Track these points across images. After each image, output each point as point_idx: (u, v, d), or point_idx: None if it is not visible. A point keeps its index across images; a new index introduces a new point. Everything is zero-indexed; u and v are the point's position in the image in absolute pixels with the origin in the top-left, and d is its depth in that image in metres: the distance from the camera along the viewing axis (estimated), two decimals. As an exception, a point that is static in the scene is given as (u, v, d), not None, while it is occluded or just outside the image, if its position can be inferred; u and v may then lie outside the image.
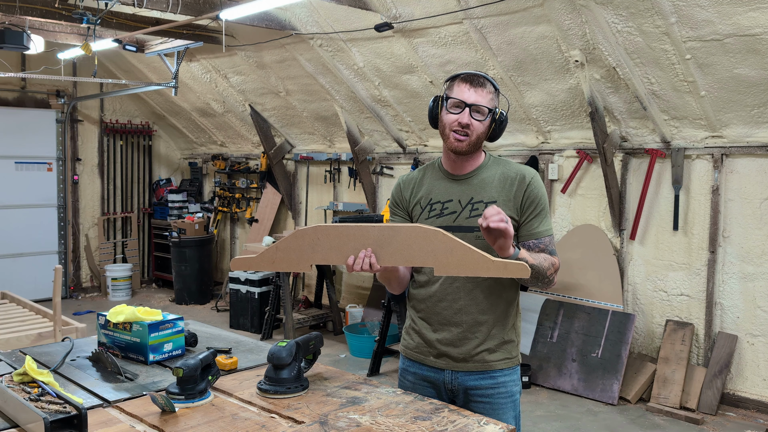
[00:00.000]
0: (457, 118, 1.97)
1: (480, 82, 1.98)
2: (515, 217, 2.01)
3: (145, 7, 4.41)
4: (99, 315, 2.23)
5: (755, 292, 4.36)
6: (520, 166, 2.08)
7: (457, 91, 1.98)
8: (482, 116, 1.97)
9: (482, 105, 1.96)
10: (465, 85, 1.98)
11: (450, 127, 1.99)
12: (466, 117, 1.96)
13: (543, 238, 2.01)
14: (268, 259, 1.91)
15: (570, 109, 4.83)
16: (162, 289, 8.62)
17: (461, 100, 1.97)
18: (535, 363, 4.94)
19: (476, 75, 1.99)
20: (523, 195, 2.01)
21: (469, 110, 1.96)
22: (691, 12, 3.63)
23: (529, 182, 2.02)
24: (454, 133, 1.99)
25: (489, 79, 2.01)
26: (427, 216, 2.06)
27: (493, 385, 2.05)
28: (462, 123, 1.96)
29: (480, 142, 2.02)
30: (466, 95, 1.96)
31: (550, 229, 2.04)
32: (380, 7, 4.64)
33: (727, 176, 4.45)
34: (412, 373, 2.14)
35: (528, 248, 2.00)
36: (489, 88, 1.99)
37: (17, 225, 7.58)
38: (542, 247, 2.01)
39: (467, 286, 2.01)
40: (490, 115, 1.99)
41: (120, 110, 8.47)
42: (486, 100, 1.98)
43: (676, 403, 4.39)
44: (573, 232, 5.15)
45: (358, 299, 6.70)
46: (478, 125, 1.97)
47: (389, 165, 6.39)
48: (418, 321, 2.12)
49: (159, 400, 1.71)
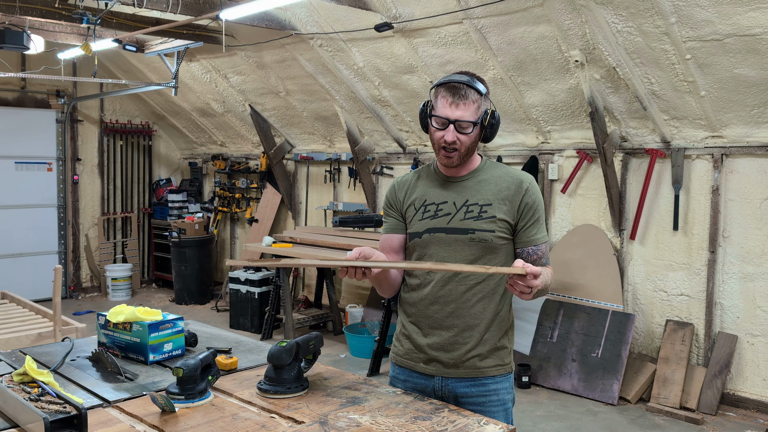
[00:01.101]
0: (442, 136, 1.94)
1: (462, 94, 1.91)
2: (510, 221, 1.99)
3: (145, 7, 4.41)
4: (99, 315, 2.23)
5: (755, 292, 4.36)
6: (517, 171, 2.07)
7: (440, 104, 1.94)
8: (468, 129, 1.94)
9: (466, 120, 1.92)
10: (447, 99, 1.92)
11: (438, 144, 1.97)
12: (450, 135, 1.93)
13: (540, 245, 2.01)
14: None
15: (570, 109, 4.83)
16: (162, 289, 8.62)
17: (444, 117, 1.92)
18: (535, 363, 4.94)
19: (457, 87, 1.92)
20: (521, 201, 1.99)
21: (454, 126, 1.93)
22: (691, 12, 3.63)
23: (526, 188, 2.00)
24: (443, 150, 1.97)
25: (473, 85, 1.93)
26: (421, 217, 2.04)
27: (484, 392, 2.01)
28: (447, 141, 1.93)
29: (471, 151, 2.00)
30: (448, 112, 1.92)
31: (545, 235, 2.05)
32: (380, 7, 4.64)
33: (727, 176, 4.45)
34: (401, 381, 2.10)
35: (527, 255, 1.99)
36: (473, 97, 1.92)
37: (17, 225, 7.58)
38: (540, 254, 2.01)
39: (459, 289, 1.99)
40: (478, 123, 1.95)
41: (120, 110, 8.47)
42: (470, 112, 1.92)
43: (676, 403, 4.39)
44: (573, 232, 5.15)
45: (358, 299, 6.71)
46: (465, 139, 1.94)
47: (389, 165, 6.39)
48: (409, 325, 2.09)
49: (159, 400, 1.71)
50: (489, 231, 1.97)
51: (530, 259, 1.99)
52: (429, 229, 2.02)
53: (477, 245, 1.97)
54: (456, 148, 1.95)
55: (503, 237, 1.99)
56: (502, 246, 1.99)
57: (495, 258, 1.99)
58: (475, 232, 1.97)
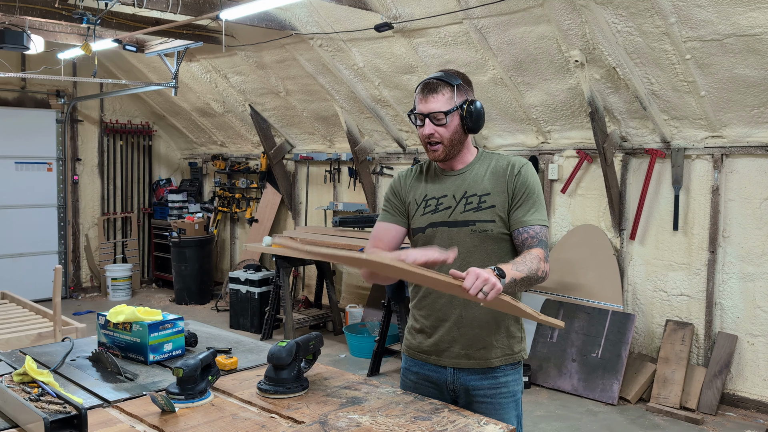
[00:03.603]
0: (421, 131, 2.01)
1: (431, 88, 1.99)
2: (507, 205, 2.00)
3: (145, 7, 4.41)
4: (99, 315, 2.23)
5: (755, 292, 4.36)
6: (510, 157, 2.07)
7: (416, 102, 2.03)
8: (442, 120, 1.98)
9: (437, 111, 1.97)
10: (420, 96, 2.01)
11: (422, 140, 2.04)
12: (428, 128, 1.99)
13: (533, 227, 1.97)
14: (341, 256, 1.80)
15: (570, 109, 4.83)
16: (162, 289, 8.62)
17: (419, 113, 2.00)
18: (535, 363, 4.94)
19: (428, 83, 2.00)
20: (513, 183, 2.00)
21: (429, 120, 1.99)
22: (691, 12, 3.63)
23: (518, 171, 2.01)
24: (428, 145, 2.03)
25: (443, 79, 1.99)
26: (422, 212, 2.07)
27: (495, 385, 2.04)
28: (425, 134, 2.00)
29: (456, 142, 2.02)
30: (421, 107, 2.00)
31: (541, 219, 1.99)
32: (380, 7, 4.64)
33: (727, 176, 4.45)
34: (414, 373, 2.13)
35: (517, 235, 1.97)
36: (443, 90, 1.98)
37: (17, 225, 7.58)
38: (531, 234, 1.96)
39: None
40: (452, 113, 1.98)
41: (120, 110, 8.47)
42: (440, 103, 1.97)
43: (676, 403, 4.39)
44: (573, 232, 5.15)
45: (358, 299, 6.70)
46: (442, 131, 1.99)
47: (389, 165, 6.39)
48: (420, 319, 2.11)
49: (159, 400, 1.71)
50: (489, 221, 1.99)
51: (519, 239, 1.97)
52: (432, 224, 2.05)
53: (478, 236, 1.99)
54: (438, 141, 2.00)
55: (504, 226, 2.00)
56: (504, 236, 2.00)
57: (498, 248, 2.00)
58: (476, 223, 1.99)
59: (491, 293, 1.63)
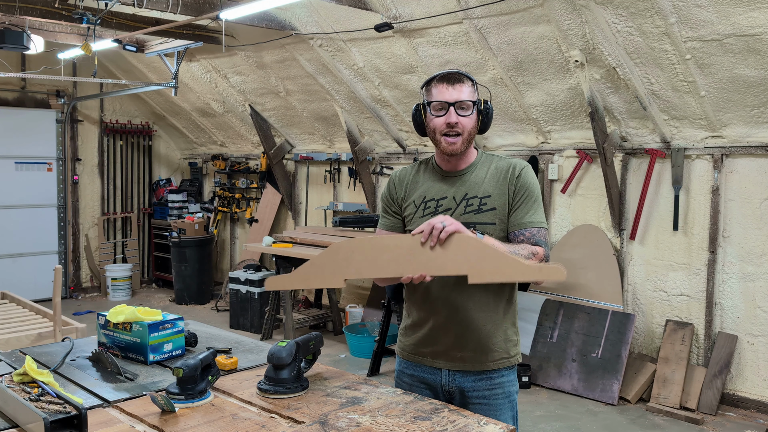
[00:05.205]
0: (444, 120, 1.96)
1: (457, 78, 1.98)
2: (507, 209, 2.00)
3: (145, 7, 4.41)
4: (99, 315, 2.23)
5: (755, 292, 4.36)
6: (511, 159, 2.07)
7: (436, 93, 1.98)
8: (468, 111, 1.97)
9: (465, 100, 1.96)
10: (443, 85, 1.97)
11: (439, 131, 1.99)
12: (453, 116, 1.96)
13: (530, 228, 1.97)
14: (302, 277, 1.89)
15: (570, 109, 4.83)
16: (162, 289, 8.61)
17: (443, 101, 1.96)
18: (535, 363, 4.94)
19: (451, 73, 2.00)
20: (513, 186, 2.00)
21: (454, 109, 1.96)
22: (691, 12, 3.63)
23: (519, 174, 2.01)
24: (445, 137, 1.98)
25: (464, 74, 2.01)
26: (421, 214, 2.05)
27: (490, 386, 2.03)
28: (450, 123, 1.96)
29: (472, 138, 2.02)
30: (447, 95, 1.96)
31: (540, 221, 1.99)
32: (380, 7, 4.64)
33: (727, 176, 4.45)
34: (408, 375, 2.12)
35: (513, 237, 1.98)
36: (467, 83, 1.99)
37: (17, 225, 7.58)
38: (528, 235, 1.97)
39: (463, 283, 2.00)
40: (475, 107, 1.99)
41: (120, 110, 8.47)
42: (467, 94, 1.97)
43: (676, 403, 4.39)
44: (573, 232, 5.15)
45: (358, 299, 6.70)
46: (466, 121, 1.97)
47: (389, 165, 6.39)
48: (415, 320, 2.10)
49: (159, 400, 1.71)
50: (490, 224, 1.98)
51: (517, 240, 1.97)
52: None
53: None
54: (459, 132, 1.97)
55: (505, 229, 2.00)
56: (504, 239, 2.00)
57: None
58: (476, 225, 1.98)
59: (448, 227, 1.72)
